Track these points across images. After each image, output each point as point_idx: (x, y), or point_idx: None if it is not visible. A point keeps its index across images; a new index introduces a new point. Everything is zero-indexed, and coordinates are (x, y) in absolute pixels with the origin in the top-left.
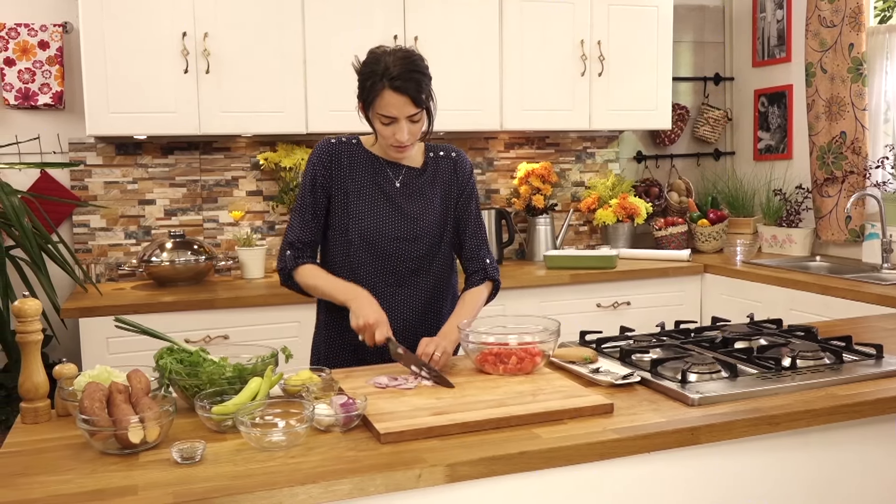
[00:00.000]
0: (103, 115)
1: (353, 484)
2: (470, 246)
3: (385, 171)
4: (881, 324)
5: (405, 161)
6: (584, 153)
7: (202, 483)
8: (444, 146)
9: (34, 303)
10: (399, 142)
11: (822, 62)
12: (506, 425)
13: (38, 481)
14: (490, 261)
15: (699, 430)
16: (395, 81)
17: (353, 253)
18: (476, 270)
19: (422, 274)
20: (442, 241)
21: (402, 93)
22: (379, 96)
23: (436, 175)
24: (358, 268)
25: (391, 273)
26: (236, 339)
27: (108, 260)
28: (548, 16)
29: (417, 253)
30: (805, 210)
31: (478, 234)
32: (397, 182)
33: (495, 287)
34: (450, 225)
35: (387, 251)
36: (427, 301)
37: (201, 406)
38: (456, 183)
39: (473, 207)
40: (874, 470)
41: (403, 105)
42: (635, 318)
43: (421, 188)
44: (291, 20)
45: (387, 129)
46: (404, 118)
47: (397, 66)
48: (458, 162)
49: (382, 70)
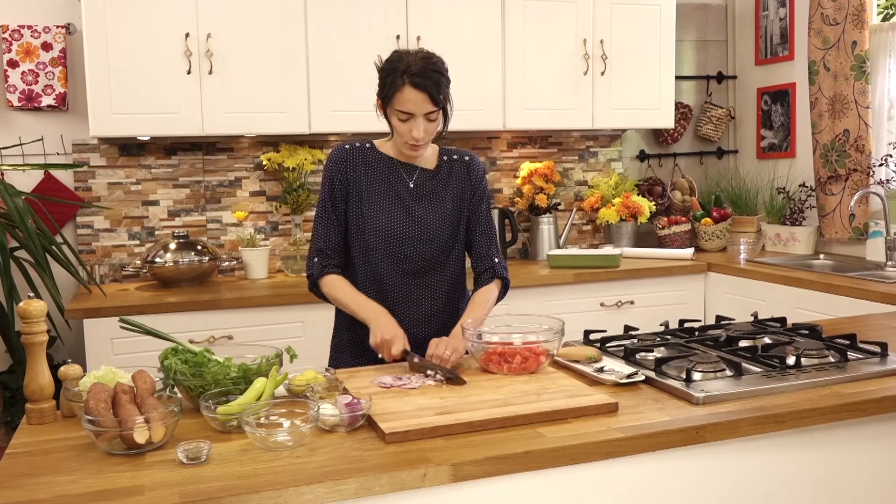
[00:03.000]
0: (106, 116)
1: (358, 483)
2: (479, 246)
3: (399, 171)
4: (886, 322)
5: (419, 162)
6: (586, 152)
7: (208, 483)
8: (457, 150)
9: (39, 304)
10: (415, 139)
11: (826, 60)
12: (510, 425)
13: (44, 482)
14: (499, 260)
15: (704, 428)
16: (414, 78)
17: (371, 253)
18: (485, 269)
19: (437, 273)
20: (455, 241)
21: (420, 89)
22: (399, 92)
23: (449, 177)
24: (377, 267)
25: (408, 272)
26: (240, 339)
27: (112, 261)
28: (550, 15)
29: (430, 253)
30: (809, 208)
31: (487, 235)
32: (411, 183)
33: (505, 285)
34: (462, 227)
35: (402, 251)
36: (445, 299)
37: (206, 406)
38: (469, 185)
39: (484, 209)
40: (880, 468)
41: (422, 102)
42: (639, 317)
43: (434, 190)
44: (294, 20)
45: (404, 125)
46: (421, 115)
47: (418, 64)
48: (472, 165)
49: (404, 67)
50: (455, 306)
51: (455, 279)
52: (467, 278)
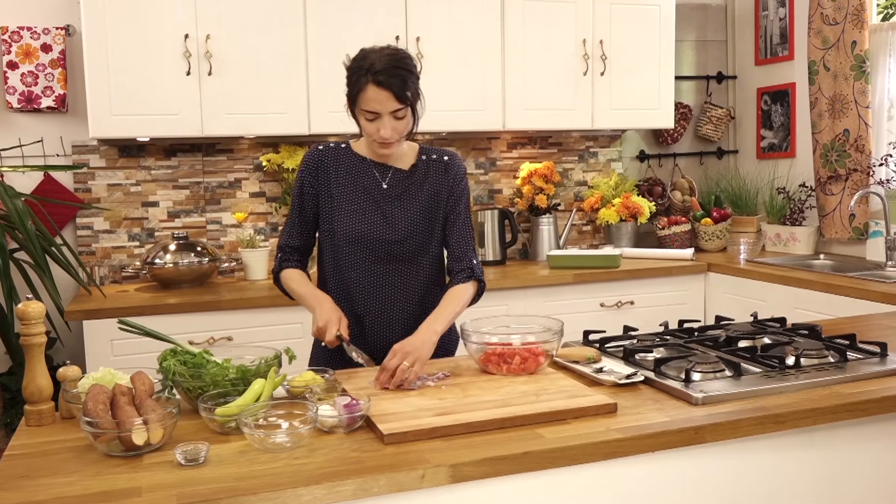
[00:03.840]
0: (106, 117)
1: (356, 485)
2: (456, 246)
3: (372, 172)
4: (886, 322)
5: (393, 162)
6: (586, 153)
7: (206, 485)
8: (438, 149)
9: (38, 306)
10: (382, 138)
11: (825, 60)
12: (509, 425)
13: (42, 483)
14: (476, 262)
15: (703, 429)
16: (378, 76)
17: (341, 255)
18: (462, 269)
19: (410, 275)
20: (431, 242)
21: (384, 88)
22: (363, 91)
23: (425, 177)
24: (347, 268)
25: (380, 273)
26: (240, 340)
27: (112, 262)
28: (550, 15)
29: (403, 254)
30: (809, 208)
31: (465, 236)
32: (384, 183)
33: (480, 288)
34: (439, 228)
35: (374, 252)
36: (419, 301)
37: (205, 408)
38: (446, 184)
39: (462, 209)
40: (880, 468)
41: (386, 100)
42: (639, 318)
43: (408, 189)
44: (293, 21)
45: (371, 125)
46: (388, 114)
47: (382, 62)
48: (450, 164)
49: (368, 66)
50: (430, 309)
51: (430, 281)
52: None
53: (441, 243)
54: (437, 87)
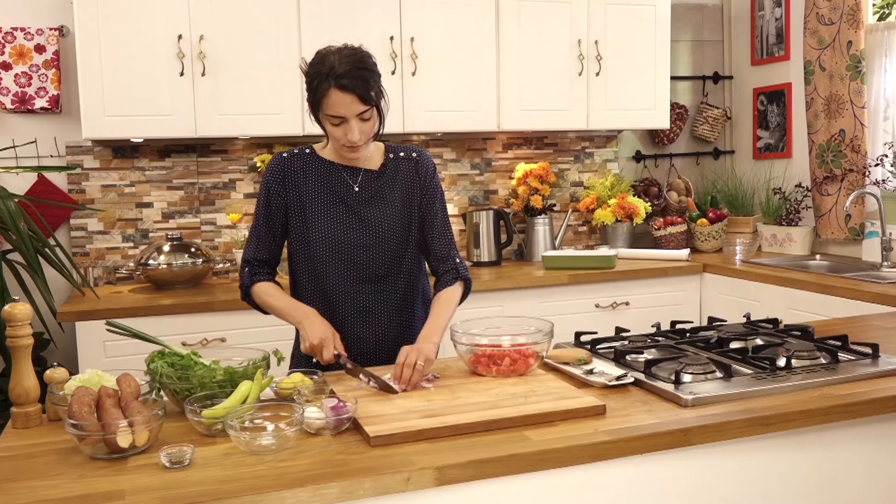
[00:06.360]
0: (100, 118)
1: (341, 488)
2: (437, 247)
3: (341, 176)
4: (880, 322)
5: (362, 163)
6: (582, 153)
7: (189, 488)
8: (404, 146)
9: (24, 307)
10: (350, 142)
11: (821, 60)
12: (496, 427)
13: (26, 486)
14: (460, 261)
15: (692, 431)
16: (340, 80)
17: (317, 264)
18: (447, 270)
19: (390, 278)
20: (408, 243)
21: (348, 91)
22: (326, 96)
23: (396, 176)
24: (324, 278)
25: (358, 280)
26: (234, 342)
27: (106, 263)
28: (545, 15)
29: (382, 258)
30: (805, 209)
31: (445, 235)
32: (356, 186)
33: (467, 287)
34: (415, 227)
35: (351, 258)
36: (400, 307)
37: (191, 410)
38: (418, 183)
39: (438, 207)
40: (870, 470)
41: (351, 104)
42: (634, 319)
43: (380, 191)
44: (287, 22)
45: (337, 129)
46: (354, 117)
47: (343, 64)
48: (420, 162)
49: (328, 70)
50: (411, 313)
51: (410, 284)
52: (426, 278)
53: (417, 241)
54: (431, 87)
